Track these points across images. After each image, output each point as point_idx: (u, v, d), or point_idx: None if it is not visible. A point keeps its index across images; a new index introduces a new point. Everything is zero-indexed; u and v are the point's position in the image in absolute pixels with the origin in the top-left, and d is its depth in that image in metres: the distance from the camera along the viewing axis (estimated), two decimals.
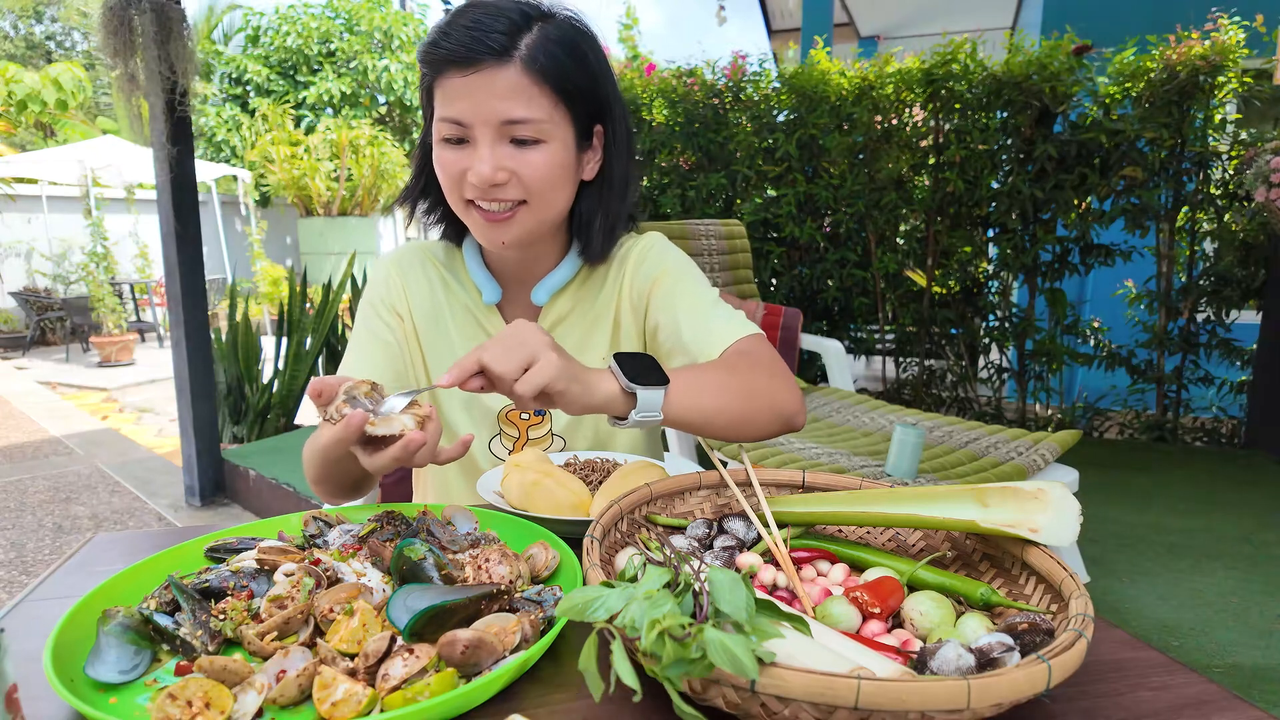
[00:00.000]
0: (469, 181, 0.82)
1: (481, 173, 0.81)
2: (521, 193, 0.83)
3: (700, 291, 0.95)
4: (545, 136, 0.82)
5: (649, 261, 0.98)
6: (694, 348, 0.90)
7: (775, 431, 0.84)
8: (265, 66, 10.68)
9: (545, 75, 0.80)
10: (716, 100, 3.91)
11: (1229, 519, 2.71)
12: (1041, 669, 0.43)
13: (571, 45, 0.82)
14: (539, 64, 0.80)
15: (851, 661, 0.47)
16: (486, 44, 0.78)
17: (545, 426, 1.00)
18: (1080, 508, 0.61)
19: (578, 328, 0.99)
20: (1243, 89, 3.26)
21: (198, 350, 3.18)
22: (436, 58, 0.81)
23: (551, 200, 0.86)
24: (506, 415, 0.99)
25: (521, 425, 0.99)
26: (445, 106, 0.82)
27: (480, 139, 0.81)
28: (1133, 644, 0.60)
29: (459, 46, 0.79)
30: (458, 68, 0.79)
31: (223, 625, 0.57)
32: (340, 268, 8.92)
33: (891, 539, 0.72)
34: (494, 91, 0.79)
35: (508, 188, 0.83)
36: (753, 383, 0.83)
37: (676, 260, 0.98)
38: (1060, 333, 3.69)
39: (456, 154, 0.83)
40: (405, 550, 0.61)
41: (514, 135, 0.81)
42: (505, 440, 1.00)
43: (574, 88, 0.83)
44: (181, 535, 0.76)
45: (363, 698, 0.48)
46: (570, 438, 1.01)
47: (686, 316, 0.92)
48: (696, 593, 0.47)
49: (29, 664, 0.53)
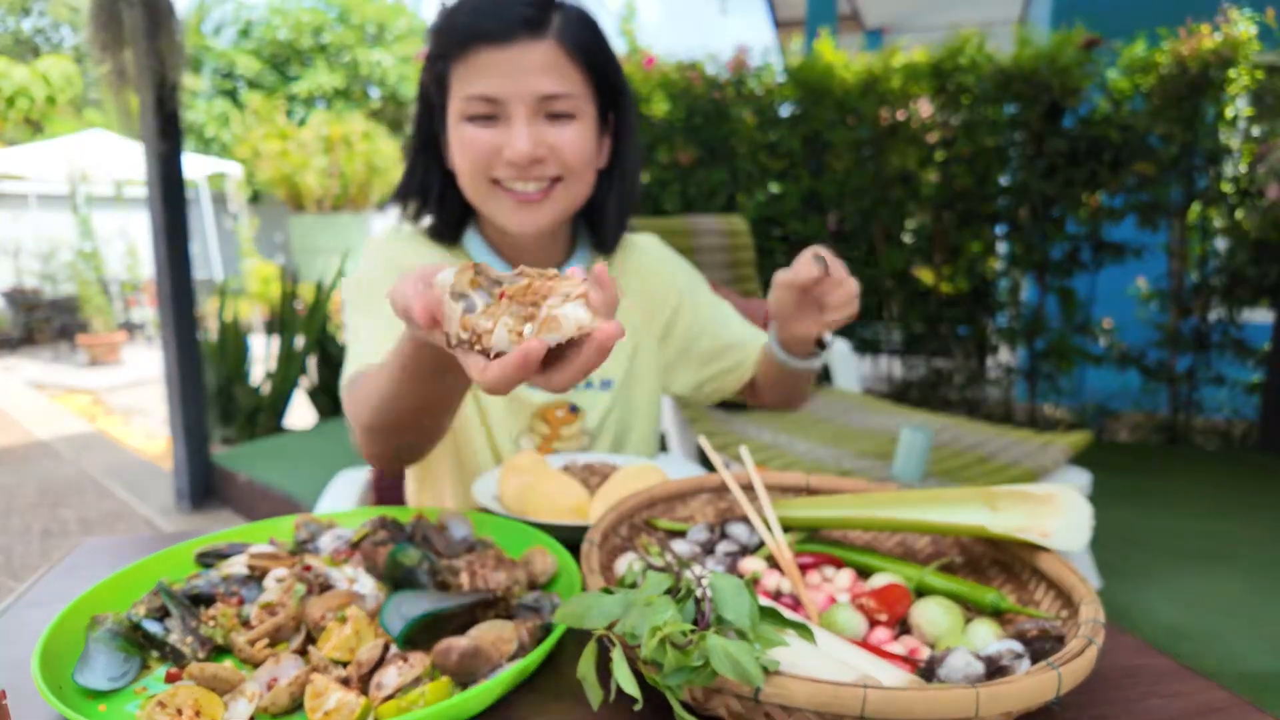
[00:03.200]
0: (504, 159, 0.80)
1: (520, 149, 0.79)
2: (559, 169, 0.82)
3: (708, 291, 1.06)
4: (578, 113, 0.81)
5: (675, 275, 1.03)
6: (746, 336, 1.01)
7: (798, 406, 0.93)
8: (256, 60, 10.68)
9: (578, 51, 0.80)
10: (718, 94, 3.88)
11: (1242, 523, 2.68)
12: (1051, 677, 0.43)
13: (594, 25, 0.83)
14: (573, 38, 0.80)
15: (857, 670, 0.46)
16: (521, 14, 0.77)
17: (577, 424, 0.98)
18: (1092, 511, 0.60)
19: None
20: (1255, 84, 3.22)
21: (187, 350, 3.14)
22: (463, 34, 0.79)
23: (585, 178, 0.86)
24: (539, 413, 0.96)
25: (555, 423, 0.97)
26: (472, 83, 0.79)
27: (516, 115, 0.79)
28: (1144, 650, 0.59)
29: (488, 18, 0.78)
30: (490, 42, 0.78)
31: (213, 632, 0.56)
32: (332, 265, 8.89)
33: (899, 543, 0.71)
34: (530, 66, 0.78)
35: (546, 164, 0.82)
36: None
37: (689, 270, 1.06)
38: (1071, 332, 3.66)
39: (487, 132, 0.81)
40: (399, 556, 0.60)
41: (550, 110, 0.80)
42: (535, 436, 0.97)
43: (600, 67, 0.83)
44: (171, 540, 0.75)
45: (356, 707, 0.48)
46: (596, 435, 0.99)
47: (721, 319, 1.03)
48: (698, 599, 0.46)
49: (17, 671, 0.53)
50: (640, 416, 1.01)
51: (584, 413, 0.97)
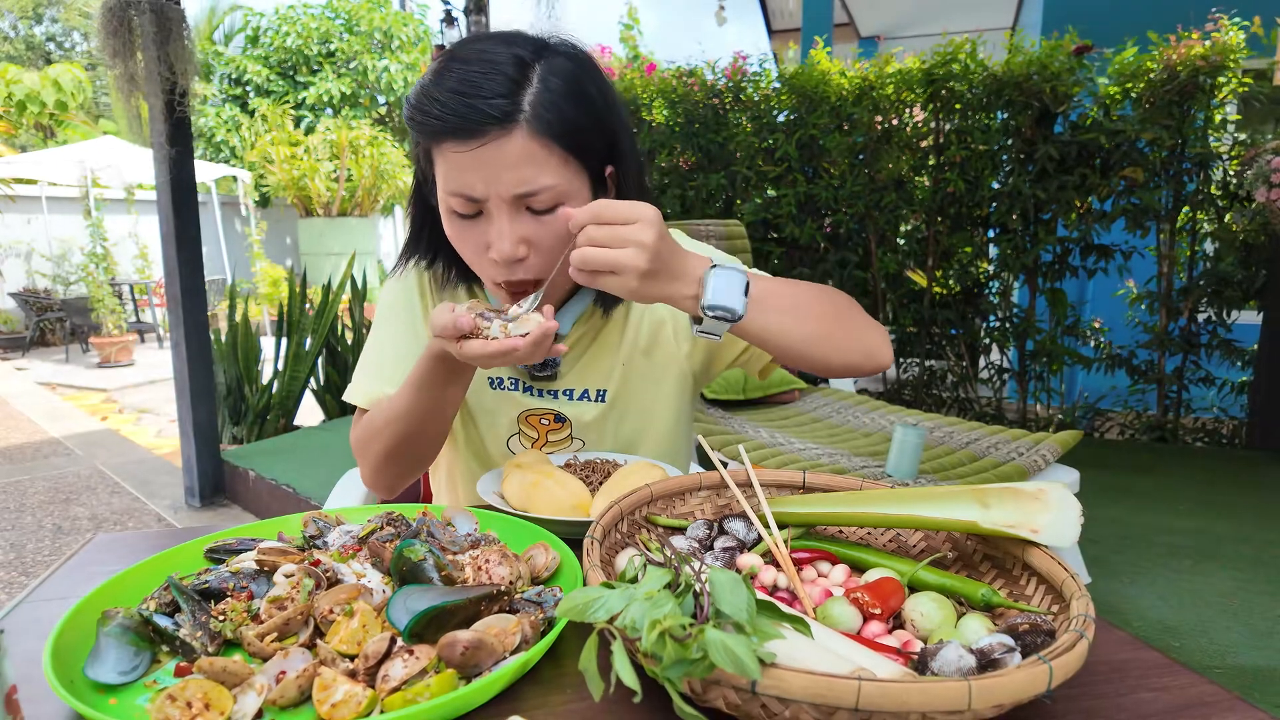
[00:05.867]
0: (490, 258, 0.78)
1: (503, 250, 0.76)
2: (537, 272, 0.79)
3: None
4: (563, 199, 0.76)
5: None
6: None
7: (859, 364, 0.80)
8: (265, 67, 10.70)
9: (554, 134, 0.73)
10: (716, 100, 3.91)
11: (1230, 519, 2.71)
12: (1042, 670, 0.43)
13: (575, 89, 0.76)
14: (546, 123, 0.73)
15: (852, 662, 0.47)
16: (486, 111, 0.71)
17: (564, 432, 0.98)
18: (1081, 508, 0.61)
19: (592, 340, 0.98)
20: (1243, 89, 3.26)
21: (197, 351, 3.18)
22: (430, 127, 0.74)
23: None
24: (525, 418, 0.97)
25: (541, 430, 0.98)
26: (452, 180, 0.75)
27: (496, 212, 0.75)
28: (1134, 645, 0.60)
29: (454, 115, 0.71)
30: (457, 139, 0.72)
31: (222, 626, 0.57)
32: (340, 268, 8.92)
33: (892, 540, 0.71)
34: (502, 163, 0.72)
35: (526, 263, 0.78)
36: (839, 308, 0.81)
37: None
38: (1061, 333, 3.68)
39: (474, 227, 0.78)
40: (405, 551, 0.61)
41: (530, 205, 0.75)
42: (524, 440, 0.99)
43: (584, 139, 0.76)
44: (181, 536, 0.76)
45: (363, 699, 0.48)
46: (590, 441, 0.99)
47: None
48: (697, 594, 0.46)
49: (29, 665, 0.53)
50: (652, 426, 1.00)
51: (570, 422, 0.97)
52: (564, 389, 0.97)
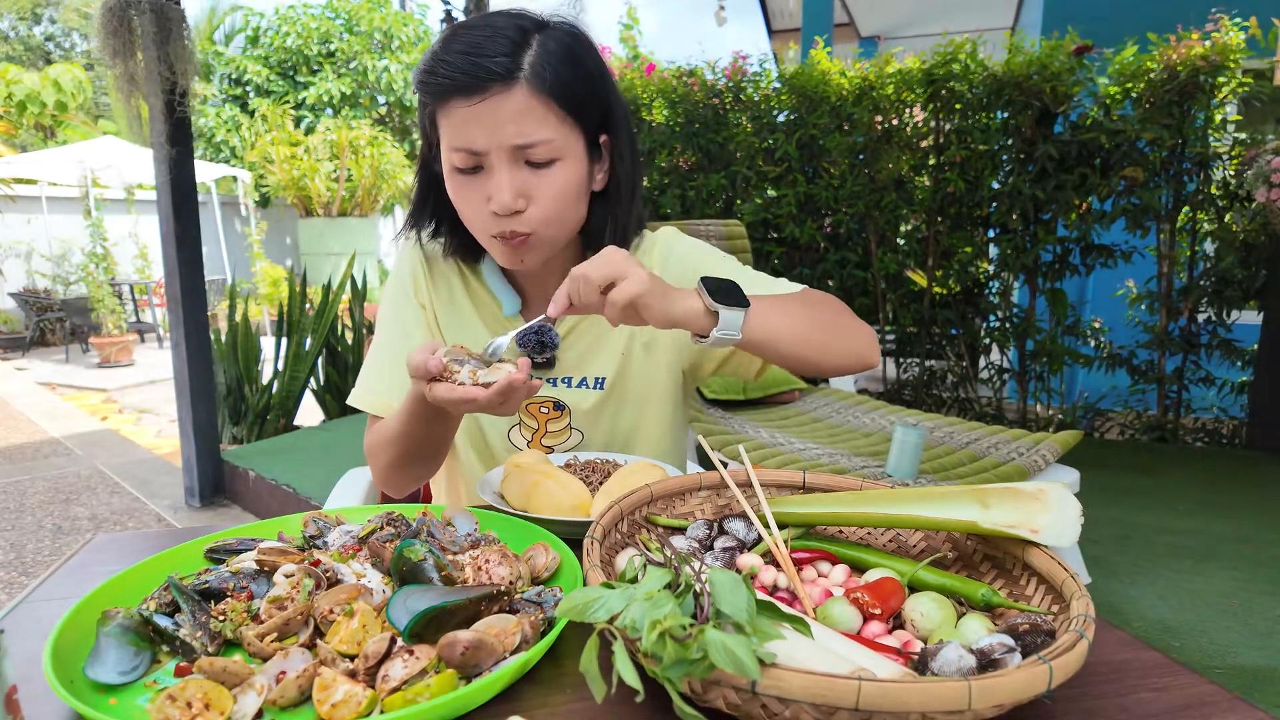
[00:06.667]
0: (490, 210, 0.82)
1: (503, 200, 0.80)
2: (531, 224, 0.83)
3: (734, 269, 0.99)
4: (559, 155, 0.81)
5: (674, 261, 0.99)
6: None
7: (849, 364, 0.86)
8: (265, 67, 10.71)
9: (552, 92, 0.79)
10: (716, 100, 3.91)
11: (1230, 520, 2.71)
12: (1043, 670, 0.43)
13: (572, 55, 0.81)
14: (545, 82, 0.78)
15: (852, 662, 0.47)
16: (489, 68, 0.76)
17: (564, 420, 1.00)
18: (1081, 508, 0.61)
19: (593, 329, 1.00)
20: (1243, 90, 3.26)
21: (197, 351, 3.18)
22: (438, 86, 0.79)
23: (565, 220, 0.86)
24: (526, 408, 1.00)
25: (541, 419, 1.00)
26: (454, 136, 0.80)
27: (496, 164, 0.80)
28: (1134, 645, 0.60)
29: (460, 74, 0.77)
30: (462, 95, 0.78)
31: (222, 626, 0.57)
32: (340, 268, 8.94)
33: (892, 540, 0.71)
34: (503, 116, 0.78)
35: (522, 216, 0.82)
36: (827, 315, 0.86)
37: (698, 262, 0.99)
38: (1061, 333, 3.68)
39: (474, 182, 0.82)
40: (405, 551, 0.61)
41: (528, 158, 0.80)
42: (524, 430, 1.00)
43: (580, 101, 0.82)
44: (181, 536, 0.76)
45: (362, 699, 0.48)
46: (589, 431, 1.00)
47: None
48: (697, 594, 0.46)
49: (29, 665, 0.53)
50: (649, 416, 1.02)
51: (570, 410, 0.99)
52: (563, 376, 0.99)
